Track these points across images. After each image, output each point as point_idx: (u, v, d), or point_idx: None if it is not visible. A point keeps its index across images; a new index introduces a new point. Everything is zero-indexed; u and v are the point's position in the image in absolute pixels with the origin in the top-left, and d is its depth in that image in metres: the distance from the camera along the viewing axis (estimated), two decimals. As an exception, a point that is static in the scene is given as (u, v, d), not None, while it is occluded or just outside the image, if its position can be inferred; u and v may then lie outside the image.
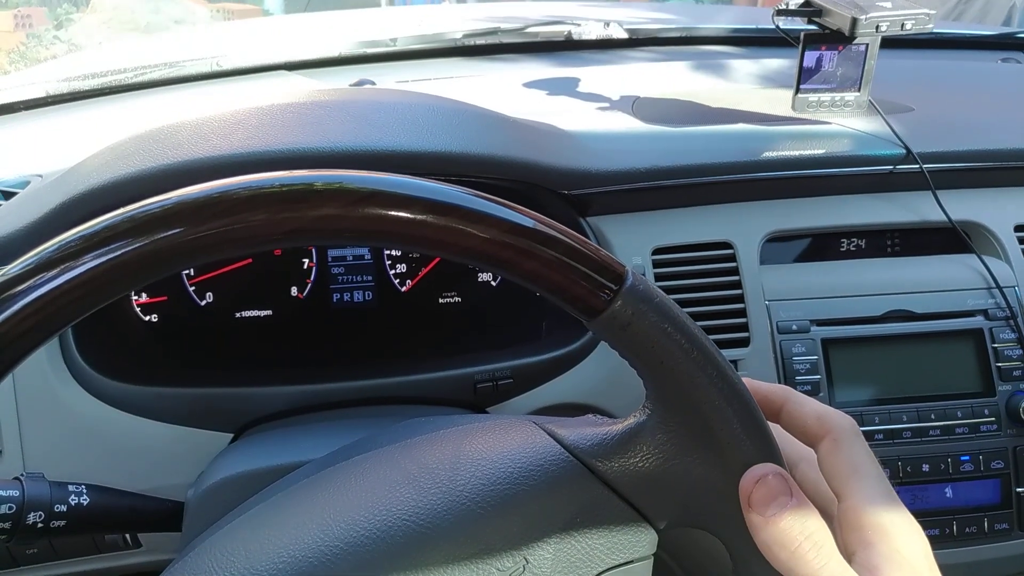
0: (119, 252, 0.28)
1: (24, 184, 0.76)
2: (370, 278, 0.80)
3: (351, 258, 0.80)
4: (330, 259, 0.80)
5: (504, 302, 0.82)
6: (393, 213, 0.30)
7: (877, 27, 0.74)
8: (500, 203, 0.32)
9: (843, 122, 0.85)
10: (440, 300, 0.82)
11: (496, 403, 0.72)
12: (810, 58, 0.82)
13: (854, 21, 0.73)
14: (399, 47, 1.16)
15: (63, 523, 0.49)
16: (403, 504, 0.38)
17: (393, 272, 0.81)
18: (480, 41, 1.18)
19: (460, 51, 1.20)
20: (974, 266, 0.77)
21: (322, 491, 0.41)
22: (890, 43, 0.84)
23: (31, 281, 0.28)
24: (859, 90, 0.83)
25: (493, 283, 0.82)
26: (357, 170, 0.31)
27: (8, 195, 0.74)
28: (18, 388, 0.65)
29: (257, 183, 0.30)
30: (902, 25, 0.74)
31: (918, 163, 0.76)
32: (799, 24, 0.85)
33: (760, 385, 0.40)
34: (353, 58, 1.16)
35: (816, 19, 0.80)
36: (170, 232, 0.29)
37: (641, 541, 0.39)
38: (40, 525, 0.48)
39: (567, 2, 1.74)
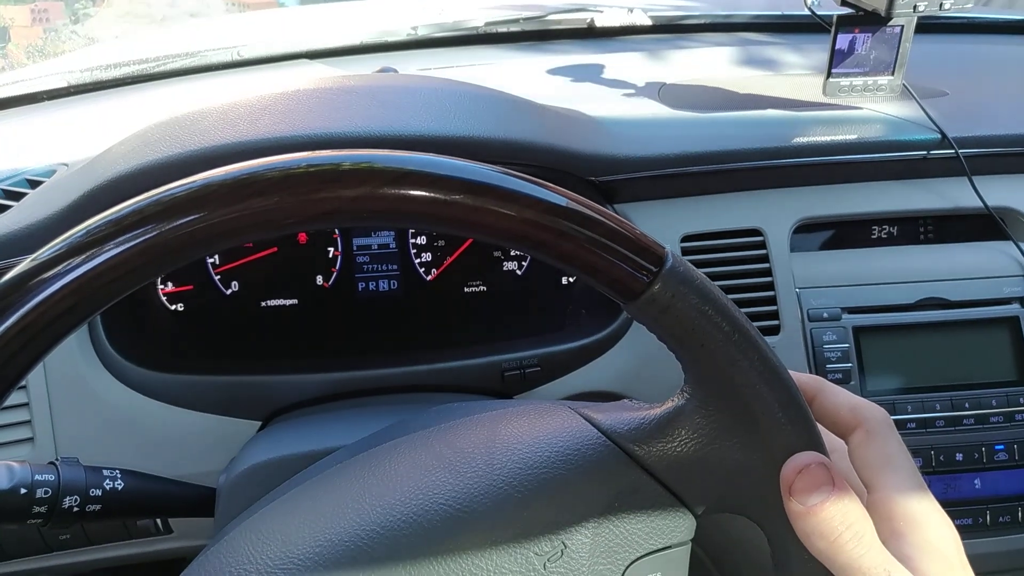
0: (149, 235, 0.28)
1: (50, 173, 0.76)
2: (395, 267, 0.80)
3: (376, 247, 0.80)
4: (355, 248, 0.79)
5: (529, 290, 0.82)
6: (428, 194, 0.30)
7: (915, 7, 0.72)
8: (538, 183, 0.31)
9: (875, 107, 0.83)
10: (465, 288, 0.81)
11: (523, 391, 0.72)
12: (843, 41, 0.80)
13: (891, 1, 0.71)
14: (420, 35, 1.15)
15: (98, 507, 0.49)
16: (440, 488, 0.37)
17: (418, 261, 0.80)
18: (501, 29, 1.17)
19: (481, 39, 1.19)
20: (1010, 253, 0.76)
21: (357, 476, 0.41)
22: (921, 27, 0.83)
23: (61, 266, 0.28)
24: (892, 73, 0.81)
25: (518, 271, 0.82)
26: (389, 150, 0.31)
27: (34, 184, 0.75)
28: (49, 376, 0.65)
29: (286, 164, 0.29)
30: (940, 5, 0.72)
31: (953, 148, 0.75)
32: (831, 9, 0.83)
33: (792, 375, 0.39)
34: (374, 46, 1.15)
35: (851, 0, 0.78)
36: (199, 215, 0.28)
37: (679, 526, 0.38)
38: (76, 509, 0.48)
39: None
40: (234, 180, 0.29)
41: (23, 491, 0.47)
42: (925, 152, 0.76)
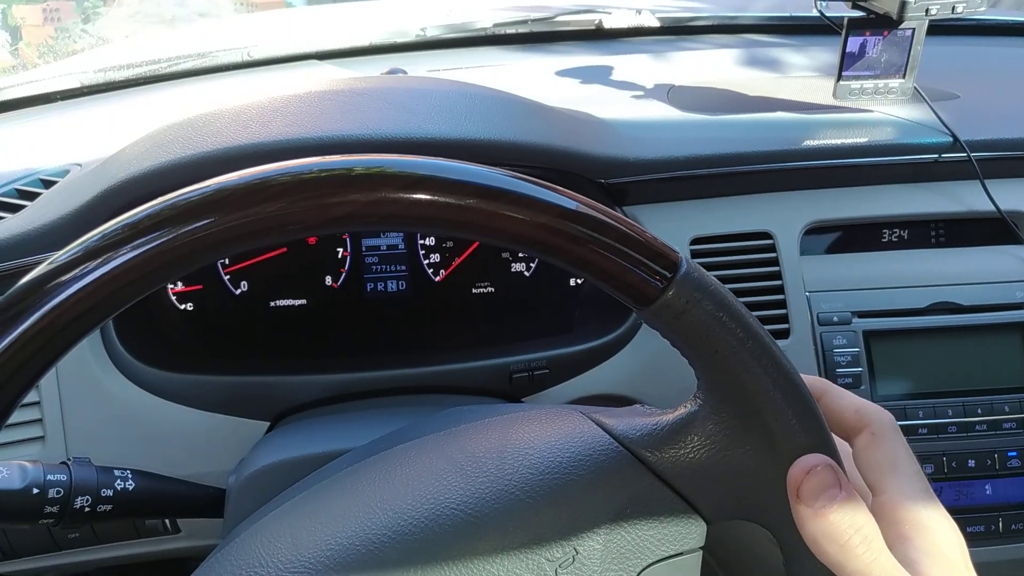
0: (164, 239, 0.28)
1: (64, 173, 0.77)
2: (404, 268, 0.80)
3: (385, 248, 0.80)
4: (364, 248, 0.80)
5: (538, 292, 0.81)
6: (442, 199, 0.30)
7: (927, 10, 0.72)
8: (552, 188, 0.31)
9: (886, 110, 0.83)
10: (474, 290, 0.81)
11: (532, 393, 0.72)
12: (853, 43, 0.80)
13: (903, 4, 0.71)
14: (429, 36, 1.15)
15: (109, 507, 0.49)
16: (451, 492, 0.37)
17: (427, 262, 0.80)
18: (510, 31, 1.17)
19: (490, 40, 1.19)
20: (1022, 257, 0.75)
21: (368, 479, 0.41)
22: (932, 29, 0.82)
23: (77, 270, 0.28)
24: (904, 76, 0.81)
25: (527, 273, 0.82)
26: (402, 155, 0.31)
27: (48, 184, 0.75)
28: (60, 375, 0.66)
29: (299, 168, 0.29)
30: (953, 8, 0.72)
31: (965, 151, 0.74)
32: (841, 11, 0.83)
33: None
34: (384, 47, 1.15)
35: (861, 3, 0.78)
36: (212, 219, 0.28)
37: (691, 533, 0.38)
38: (87, 509, 0.48)
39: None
40: (247, 185, 0.29)
41: (35, 491, 0.47)
42: (936, 155, 0.75)
